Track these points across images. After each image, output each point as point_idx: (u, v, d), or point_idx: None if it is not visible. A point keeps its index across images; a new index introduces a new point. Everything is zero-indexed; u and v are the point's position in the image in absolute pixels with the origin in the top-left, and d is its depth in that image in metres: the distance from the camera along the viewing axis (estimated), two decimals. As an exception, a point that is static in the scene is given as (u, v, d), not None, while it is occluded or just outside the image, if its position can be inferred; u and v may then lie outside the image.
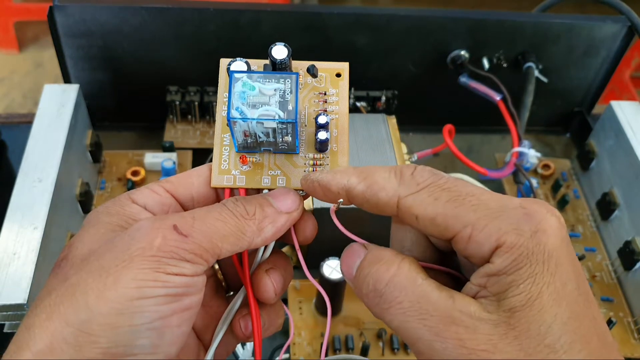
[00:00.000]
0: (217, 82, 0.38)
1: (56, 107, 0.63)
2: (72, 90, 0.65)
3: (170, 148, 0.71)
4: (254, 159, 0.37)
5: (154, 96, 0.72)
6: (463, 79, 0.71)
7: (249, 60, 0.37)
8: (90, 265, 0.30)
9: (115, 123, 0.75)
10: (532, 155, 0.68)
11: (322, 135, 0.36)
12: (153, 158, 0.69)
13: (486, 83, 0.71)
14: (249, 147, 0.36)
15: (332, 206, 0.35)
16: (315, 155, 0.37)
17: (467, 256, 0.30)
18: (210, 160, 0.38)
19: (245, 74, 0.34)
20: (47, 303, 0.29)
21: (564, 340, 0.27)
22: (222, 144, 0.38)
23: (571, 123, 0.80)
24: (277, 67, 0.36)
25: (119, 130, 0.75)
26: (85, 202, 0.62)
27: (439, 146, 0.69)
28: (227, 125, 0.35)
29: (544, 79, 0.72)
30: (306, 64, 0.38)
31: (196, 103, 0.72)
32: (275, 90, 0.34)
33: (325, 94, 0.38)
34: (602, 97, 0.78)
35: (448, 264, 0.34)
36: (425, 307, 0.29)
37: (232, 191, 0.37)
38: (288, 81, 0.34)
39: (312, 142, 0.37)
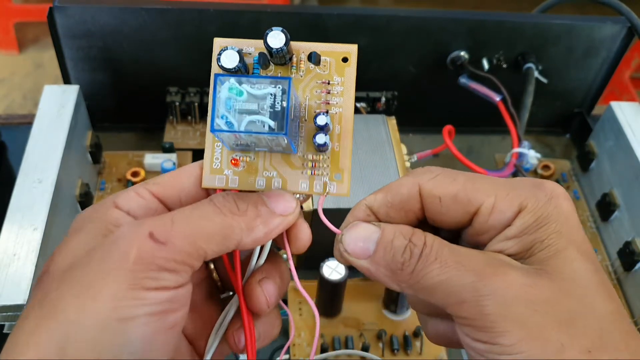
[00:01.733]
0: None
1: (56, 107, 0.62)
2: (72, 91, 0.65)
3: (170, 149, 0.70)
4: (248, 159, 0.35)
5: (154, 97, 0.72)
6: (463, 80, 0.71)
7: (243, 42, 0.34)
8: (69, 279, 0.29)
9: (115, 124, 0.75)
10: (532, 156, 0.68)
11: (320, 139, 0.33)
12: (153, 159, 0.69)
13: (486, 84, 0.71)
14: (242, 145, 0.34)
15: (319, 200, 0.34)
16: (315, 156, 0.34)
17: (488, 229, 0.31)
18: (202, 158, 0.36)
19: (233, 77, 0.31)
20: (32, 316, 0.28)
21: (594, 288, 0.29)
22: (214, 140, 0.35)
23: (571, 124, 0.80)
24: (274, 56, 0.33)
25: (118, 131, 0.75)
26: (85, 203, 0.62)
27: (439, 147, 0.69)
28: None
29: (544, 80, 0.72)
30: (308, 47, 0.35)
31: (196, 104, 0.72)
32: (266, 95, 0.30)
33: (328, 82, 0.34)
34: (602, 98, 0.78)
35: None
36: (461, 259, 0.30)
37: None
38: (279, 87, 0.30)
39: (312, 139, 0.34)
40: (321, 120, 0.33)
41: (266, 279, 0.35)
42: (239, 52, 0.33)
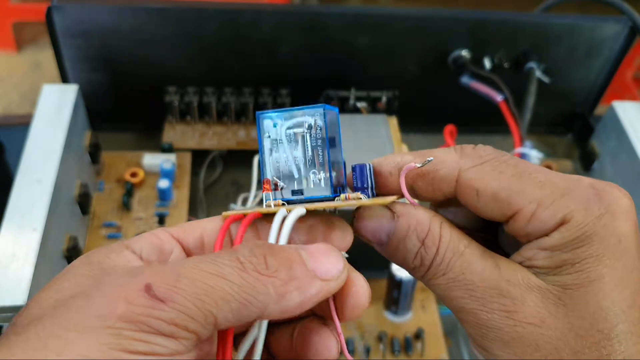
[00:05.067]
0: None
1: (55, 107, 0.62)
2: (70, 91, 0.64)
3: (169, 149, 0.70)
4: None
5: (153, 97, 0.71)
6: (464, 80, 0.71)
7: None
8: (35, 329, 0.23)
9: (114, 124, 0.75)
10: (534, 156, 0.67)
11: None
12: (152, 159, 0.68)
13: (488, 83, 0.70)
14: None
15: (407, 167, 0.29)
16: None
17: (525, 235, 0.28)
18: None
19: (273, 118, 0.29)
20: None
21: (620, 329, 0.26)
22: None
23: (573, 124, 0.80)
24: None
25: (117, 131, 0.75)
26: (84, 203, 0.62)
27: (440, 147, 0.68)
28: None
29: (546, 80, 0.72)
30: None
31: (195, 103, 0.71)
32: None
33: None
34: (604, 98, 0.78)
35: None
36: (470, 279, 0.27)
37: (259, 234, 0.30)
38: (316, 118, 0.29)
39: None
40: None
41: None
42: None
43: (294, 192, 0.30)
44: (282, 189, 0.30)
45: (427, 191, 0.30)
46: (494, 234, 0.32)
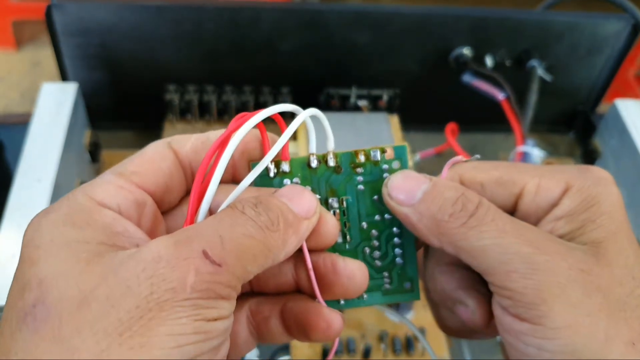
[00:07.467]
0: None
1: (54, 106, 0.62)
2: (70, 89, 0.64)
3: (169, 148, 0.70)
4: None
5: (153, 95, 0.71)
6: (466, 78, 0.71)
7: None
8: (97, 318, 0.22)
9: (114, 122, 0.75)
10: (536, 155, 0.67)
11: None
12: (152, 158, 0.68)
13: (489, 82, 0.70)
14: None
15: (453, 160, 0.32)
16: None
17: (535, 211, 0.30)
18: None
19: None
20: None
21: None
22: None
23: (575, 122, 0.79)
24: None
25: (117, 130, 0.75)
26: (84, 202, 0.62)
27: (442, 145, 0.68)
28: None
29: (548, 78, 0.72)
30: None
31: (195, 102, 0.71)
32: None
33: None
34: (606, 96, 0.77)
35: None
36: (519, 226, 0.28)
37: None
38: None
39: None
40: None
41: None
42: None
43: None
44: None
45: None
46: None
